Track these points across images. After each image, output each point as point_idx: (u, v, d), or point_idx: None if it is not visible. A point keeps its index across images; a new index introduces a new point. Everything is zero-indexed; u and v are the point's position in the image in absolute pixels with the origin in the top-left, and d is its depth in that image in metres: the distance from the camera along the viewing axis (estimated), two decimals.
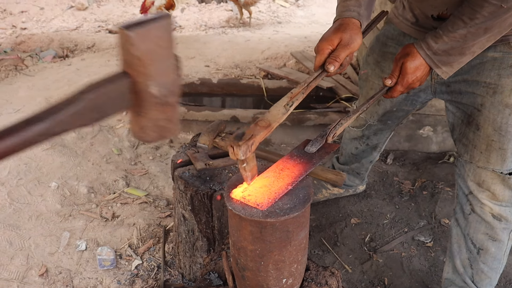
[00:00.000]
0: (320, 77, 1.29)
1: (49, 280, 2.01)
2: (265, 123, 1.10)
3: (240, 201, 1.06)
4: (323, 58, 1.30)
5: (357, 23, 1.35)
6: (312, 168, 1.15)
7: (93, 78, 2.44)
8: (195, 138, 1.97)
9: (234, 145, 1.01)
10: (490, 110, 1.48)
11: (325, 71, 1.29)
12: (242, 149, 1.01)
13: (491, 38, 1.30)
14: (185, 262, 1.95)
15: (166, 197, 2.55)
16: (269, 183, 1.10)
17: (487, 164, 1.54)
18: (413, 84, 1.38)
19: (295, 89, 1.21)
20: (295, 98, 1.18)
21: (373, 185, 2.66)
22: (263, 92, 3.58)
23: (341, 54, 1.28)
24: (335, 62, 1.27)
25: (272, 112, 1.14)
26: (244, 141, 1.02)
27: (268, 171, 1.14)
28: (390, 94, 1.42)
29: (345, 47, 1.29)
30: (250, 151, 1.03)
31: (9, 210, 2.34)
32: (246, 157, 1.03)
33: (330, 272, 1.28)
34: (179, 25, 5.81)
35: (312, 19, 6.31)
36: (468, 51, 1.31)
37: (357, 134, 2.17)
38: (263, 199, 1.05)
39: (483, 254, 1.69)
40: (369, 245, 2.24)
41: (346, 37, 1.30)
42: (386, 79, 1.40)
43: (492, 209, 1.60)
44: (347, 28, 1.32)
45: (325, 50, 1.30)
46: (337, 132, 1.25)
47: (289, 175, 1.12)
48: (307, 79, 1.26)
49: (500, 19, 1.24)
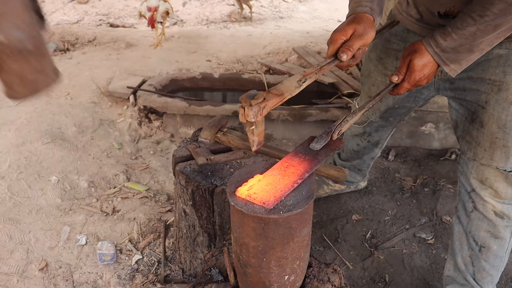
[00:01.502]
0: (332, 64, 1.29)
1: (49, 274, 2.00)
2: (278, 91, 1.07)
3: (246, 200, 1.04)
4: (336, 47, 1.30)
5: (370, 17, 1.35)
6: (318, 165, 1.13)
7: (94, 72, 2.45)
8: (196, 133, 1.96)
9: (245, 104, 0.98)
10: (495, 107, 1.47)
11: (338, 59, 1.28)
12: (253, 110, 0.98)
13: (501, 35, 1.29)
14: (186, 257, 1.94)
15: (167, 192, 2.54)
16: (274, 181, 1.08)
17: (491, 162, 1.53)
18: (420, 82, 1.37)
19: (308, 69, 1.21)
20: (308, 76, 1.18)
21: (374, 182, 2.65)
22: (264, 87, 3.57)
23: (354, 44, 1.28)
24: (348, 51, 1.27)
25: (285, 84, 1.13)
26: (257, 102, 0.99)
27: (274, 168, 1.13)
28: (396, 91, 1.41)
29: (358, 38, 1.29)
30: (261, 114, 1.00)
31: (9, 204, 2.33)
32: (256, 119, 1.00)
33: (332, 269, 1.27)
34: (181, 19, 5.78)
35: (314, 14, 6.29)
36: (476, 48, 1.30)
37: (359, 130, 2.16)
38: (269, 197, 1.03)
39: (484, 252, 1.69)
40: (370, 241, 2.24)
41: (360, 29, 1.30)
42: (392, 76, 1.38)
43: (494, 207, 1.60)
44: (361, 21, 1.32)
45: (338, 40, 1.30)
46: (343, 129, 1.24)
47: (294, 173, 1.11)
48: (321, 62, 1.27)
49: (511, 16, 1.23)
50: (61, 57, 4.24)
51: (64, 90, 3.39)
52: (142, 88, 3.31)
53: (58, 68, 0.62)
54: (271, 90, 1.07)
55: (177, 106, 3.08)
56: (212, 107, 3.05)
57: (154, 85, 3.38)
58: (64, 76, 3.66)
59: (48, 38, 4.71)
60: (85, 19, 5.73)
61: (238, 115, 3.16)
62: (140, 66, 3.85)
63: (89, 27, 5.32)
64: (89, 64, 3.93)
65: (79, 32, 4.86)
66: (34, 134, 2.80)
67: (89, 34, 4.78)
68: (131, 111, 3.22)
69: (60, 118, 3.00)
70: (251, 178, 1.09)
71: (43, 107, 3.12)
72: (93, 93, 3.37)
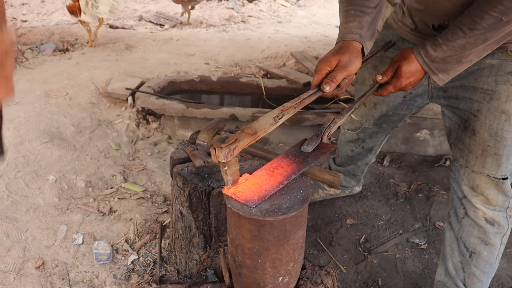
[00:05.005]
0: (314, 96, 1.29)
1: (46, 272, 2.02)
2: (251, 130, 1.10)
3: (230, 197, 1.08)
4: (320, 78, 1.31)
5: (358, 46, 1.36)
6: (306, 167, 1.17)
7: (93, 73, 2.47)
8: (194, 136, 1.98)
9: (216, 147, 1.02)
10: (487, 116, 1.50)
11: (321, 90, 1.30)
12: (223, 151, 1.02)
13: (488, 48, 1.32)
14: (181, 258, 1.96)
15: (163, 193, 2.56)
16: (261, 181, 1.12)
17: (482, 169, 1.57)
18: (405, 88, 1.41)
19: (287, 103, 1.21)
20: (286, 112, 1.18)
21: (369, 187, 2.68)
22: (262, 91, 3.60)
23: (338, 75, 1.29)
24: (331, 82, 1.28)
25: (260, 122, 1.14)
26: (227, 144, 1.02)
27: (262, 169, 1.16)
28: (380, 92, 1.44)
29: (342, 69, 1.30)
30: (232, 155, 1.04)
31: (6, 202, 2.35)
32: (227, 160, 1.03)
33: (325, 271, 1.30)
34: (180, 21, 5.81)
35: (312, 19, 6.34)
36: (465, 59, 1.34)
37: (353, 137, 2.19)
38: (253, 196, 1.07)
39: (475, 258, 1.71)
40: (364, 246, 2.27)
41: (345, 60, 1.31)
42: (377, 76, 1.42)
43: (485, 214, 1.62)
44: (346, 50, 1.33)
45: (323, 70, 1.31)
46: (332, 130, 1.27)
47: (281, 174, 1.14)
48: (302, 95, 1.27)
49: (500, 31, 1.27)
50: (60, 57, 4.26)
51: (63, 90, 3.41)
52: (140, 90, 3.33)
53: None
54: (245, 130, 1.09)
55: (175, 108, 3.11)
56: (209, 110, 3.07)
57: (153, 87, 3.41)
58: (62, 76, 3.69)
59: (48, 38, 4.73)
60: None
61: (235, 118, 3.18)
62: (139, 68, 3.88)
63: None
64: (88, 64, 3.95)
65: (79, 33, 4.88)
66: (32, 133, 2.82)
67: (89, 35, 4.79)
68: (129, 113, 3.24)
69: (59, 118, 3.02)
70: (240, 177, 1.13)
71: (41, 106, 3.14)
72: (92, 94, 3.39)
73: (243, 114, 3.04)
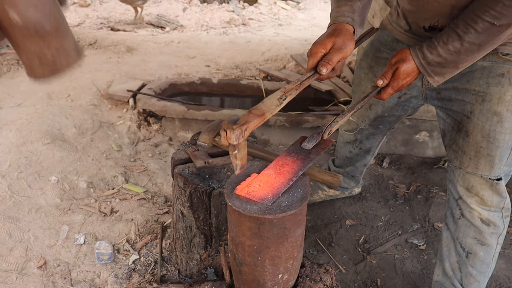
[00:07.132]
0: (312, 78, 1.31)
1: (48, 272, 2.04)
2: (259, 111, 1.10)
3: (245, 197, 1.09)
4: (316, 60, 1.32)
5: (350, 28, 1.38)
6: (311, 163, 1.19)
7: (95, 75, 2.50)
8: (195, 137, 2.01)
9: (227, 128, 1.01)
10: (479, 117, 1.52)
11: (317, 73, 1.32)
12: (235, 133, 1.01)
13: (482, 53, 1.34)
14: (182, 258, 1.98)
15: (164, 194, 2.58)
16: (270, 179, 1.14)
17: (476, 170, 1.59)
18: (402, 87, 1.44)
19: (288, 85, 1.24)
20: (288, 93, 1.21)
21: (368, 188, 2.70)
22: (262, 94, 3.62)
23: (334, 57, 1.31)
24: (328, 64, 1.30)
25: (265, 103, 1.15)
26: (238, 126, 1.02)
27: (269, 168, 1.19)
28: (381, 95, 1.47)
29: (337, 51, 1.32)
30: (243, 137, 1.04)
31: (9, 202, 2.37)
32: (238, 142, 1.03)
33: (324, 269, 1.32)
34: (181, 24, 5.84)
35: (312, 22, 6.37)
36: (461, 65, 1.36)
37: (350, 138, 2.21)
38: (267, 194, 1.09)
39: (471, 258, 1.73)
40: (363, 246, 2.28)
41: (339, 42, 1.33)
42: (378, 80, 1.44)
43: (480, 214, 1.65)
44: (340, 33, 1.35)
45: (318, 53, 1.32)
46: (333, 129, 1.29)
47: (289, 171, 1.17)
48: (301, 77, 1.29)
49: (493, 36, 1.28)
50: None
51: (65, 92, 3.44)
52: (141, 92, 3.35)
53: (81, 49, 0.59)
54: (252, 111, 1.09)
55: (176, 110, 3.13)
56: (210, 112, 3.10)
57: (154, 89, 3.43)
58: (64, 78, 3.71)
59: None
60: (86, 22, 5.78)
61: None
62: (140, 70, 3.90)
63: (90, 30, 5.37)
64: (89, 66, 3.97)
65: (80, 35, 4.90)
66: (34, 134, 2.84)
67: (90, 37, 4.82)
68: (131, 114, 3.27)
69: (61, 119, 3.05)
70: (249, 177, 1.15)
71: (44, 108, 3.16)
72: (93, 96, 3.42)
73: None
